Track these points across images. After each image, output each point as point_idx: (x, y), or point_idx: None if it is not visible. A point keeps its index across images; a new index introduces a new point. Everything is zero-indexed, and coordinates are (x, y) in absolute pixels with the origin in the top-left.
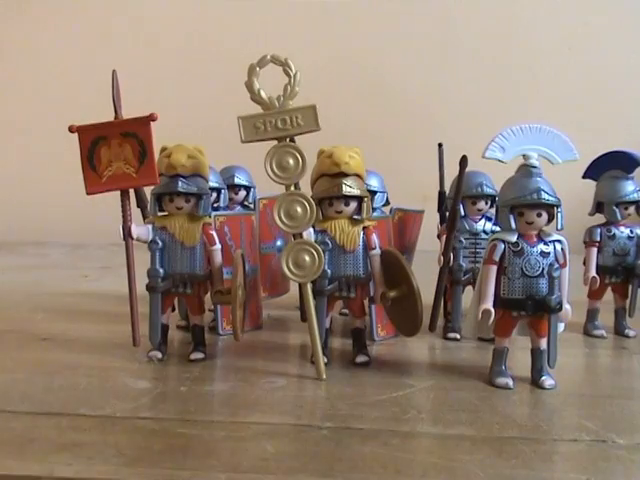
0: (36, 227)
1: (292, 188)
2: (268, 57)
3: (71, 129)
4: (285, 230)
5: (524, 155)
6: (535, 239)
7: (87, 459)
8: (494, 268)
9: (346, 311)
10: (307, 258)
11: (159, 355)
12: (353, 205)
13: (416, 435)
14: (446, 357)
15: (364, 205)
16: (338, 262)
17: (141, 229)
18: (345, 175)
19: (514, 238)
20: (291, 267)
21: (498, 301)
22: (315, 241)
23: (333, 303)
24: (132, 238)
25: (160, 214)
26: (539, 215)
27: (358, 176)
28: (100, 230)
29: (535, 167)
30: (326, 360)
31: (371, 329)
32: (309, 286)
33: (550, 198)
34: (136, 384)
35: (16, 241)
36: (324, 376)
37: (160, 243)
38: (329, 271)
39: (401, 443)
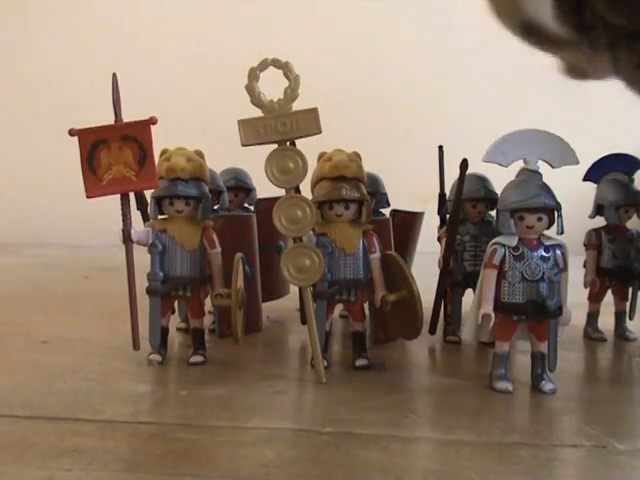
0: (36, 228)
1: (292, 191)
2: (269, 60)
3: (71, 132)
4: (285, 233)
5: (524, 159)
6: (535, 243)
7: (87, 464)
8: (494, 272)
9: (345, 313)
10: (308, 262)
11: (159, 358)
12: (353, 208)
13: (416, 440)
14: (446, 360)
15: (364, 208)
16: (338, 265)
17: (141, 232)
18: (345, 179)
19: (514, 242)
20: (292, 271)
21: (498, 305)
22: (315, 244)
23: (333, 306)
24: (132, 242)
25: (160, 217)
26: (539, 219)
27: (358, 179)
28: (100, 231)
29: (535, 171)
30: (326, 363)
31: (371, 332)
32: (309, 289)
33: (550, 202)
34: (136, 388)
35: (16, 242)
36: (324, 380)
37: (160, 246)
38: (329, 274)
39: (401, 448)
